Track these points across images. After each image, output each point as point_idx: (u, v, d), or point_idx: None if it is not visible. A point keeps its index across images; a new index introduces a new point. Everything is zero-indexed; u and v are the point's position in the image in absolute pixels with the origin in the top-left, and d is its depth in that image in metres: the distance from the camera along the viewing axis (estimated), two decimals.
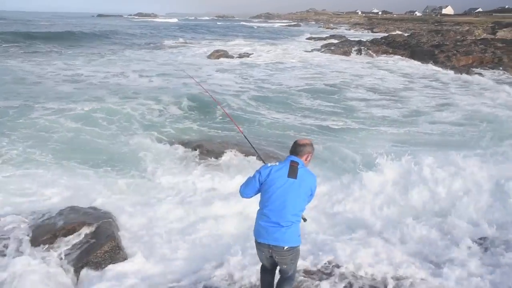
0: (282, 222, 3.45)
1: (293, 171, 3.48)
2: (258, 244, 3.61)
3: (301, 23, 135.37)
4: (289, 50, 42.48)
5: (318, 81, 23.10)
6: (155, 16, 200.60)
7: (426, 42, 43.95)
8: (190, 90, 17.13)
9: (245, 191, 3.68)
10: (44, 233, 5.55)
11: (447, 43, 41.16)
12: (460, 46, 38.04)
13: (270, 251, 3.54)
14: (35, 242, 5.41)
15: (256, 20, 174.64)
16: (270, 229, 3.47)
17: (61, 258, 5.16)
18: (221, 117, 13.58)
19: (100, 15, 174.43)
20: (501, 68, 30.60)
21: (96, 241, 5.38)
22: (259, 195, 3.66)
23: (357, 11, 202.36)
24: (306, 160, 3.62)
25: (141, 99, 15.46)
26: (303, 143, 3.62)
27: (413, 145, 11.57)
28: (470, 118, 14.81)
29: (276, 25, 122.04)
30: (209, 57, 34.06)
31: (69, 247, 5.33)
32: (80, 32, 49.42)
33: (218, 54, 34.41)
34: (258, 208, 3.63)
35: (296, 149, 3.60)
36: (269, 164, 3.62)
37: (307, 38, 63.12)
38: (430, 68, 31.30)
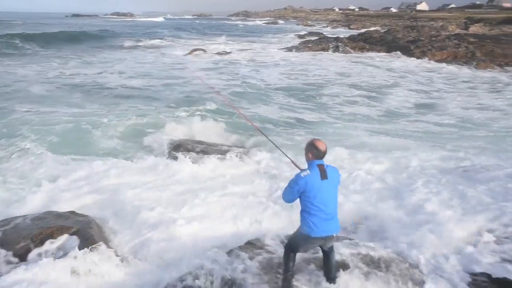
0: (331, 215, 4.08)
1: (323, 173, 4.04)
2: (311, 239, 4.13)
3: (279, 21, 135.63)
4: (269, 48, 42.61)
5: (299, 77, 23.38)
6: (132, 15, 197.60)
7: (402, 37, 44.67)
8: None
9: (288, 199, 4.20)
10: (20, 239, 5.41)
11: (422, 38, 41.96)
12: (435, 41, 38.82)
13: (323, 241, 4.18)
14: (9, 248, 5.26)
15: (235, 18, 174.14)
16: (322, 223, 4.03)
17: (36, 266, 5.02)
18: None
19: (75, 15, 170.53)
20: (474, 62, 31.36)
21: (74, 245, 5.27)
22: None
23: (334, 8, 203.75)
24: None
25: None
26: (325, 149, 4.11)
27: None
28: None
29: (258, 22, 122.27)
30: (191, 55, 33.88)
31: (45, 253, 5.19)
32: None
33: (197, 52, 34.34)
34: (303, 210, 4.14)
35: (320, 154, 4.08)
36: (302, 175, 4.05)
37: (284, 35, 63.47)
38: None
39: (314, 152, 4.09)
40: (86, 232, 5.53)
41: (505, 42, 40.32)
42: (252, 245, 5.46)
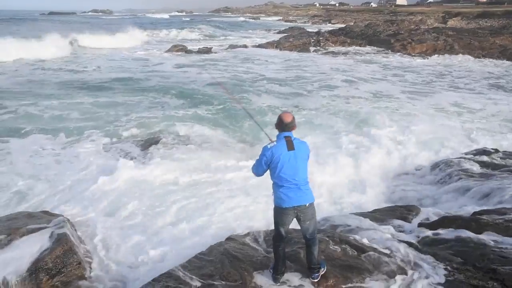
0: (300, 185, 4.10)
1: (290, 145, 4.08)
2: (284, 210, 4.13)
3: (260, 16, 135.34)
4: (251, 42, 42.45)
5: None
6: (111, 12, 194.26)
7: (382, 31, 44.97)
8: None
9: (257, 172, 4.28)
10: None
11: (402, 32, 42.32)
12: (415, 35, 39.19)
13: (295, 211, 4.12)
14: None
15: (213, 15, 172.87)
16: (292, 193, 4.07)
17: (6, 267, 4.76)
18: None
19: (51, 13, 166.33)
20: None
21: (46, 246, 5.01)
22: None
23: (315, 4, 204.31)
24: (294, 131, 4.20)
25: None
26: (290, 120, 4.13)
27: None
28: None
29: (241, 18, 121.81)
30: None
31: (14, 253, 4.91)
32: None
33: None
34: (273, 183, 4.20)
35: (286, 126, 4.12)
36: (268, 146, 4.14)
37: (265, 31, 63.38)
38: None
39: (280, 124, 4.17)
40: (58, 232, 5.25)
41: (482, 35, 41.00)
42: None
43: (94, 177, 8.29)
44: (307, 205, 4.15)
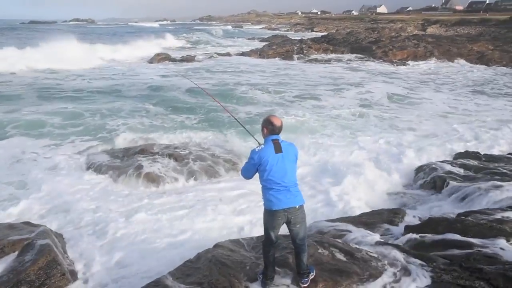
0: (290, 187, 4.09)
1: (277, 147, 4.09)
2: (274, 213, 4.10)
3: (243, 25, 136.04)
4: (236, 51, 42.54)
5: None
6: (93, 21, 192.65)
7: (364, 39, 45.69)
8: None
9: (247, 175, 4.32)
10: None
11: (383, 39, 43.08)
12: (395, 42, 39.95)
13: (286, 214, 4.08)
14: None
15: (195, 23, 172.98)
16: (281, 195, 4.06)
17: None
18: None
19: (32, 22, 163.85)
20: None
21: (29, 257, 4.87)
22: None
23: (297, 12, 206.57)
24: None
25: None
26: (280, 125, 4.17)
27: None
28: None
29: (223, 27, 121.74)
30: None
31: None
32: None
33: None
34: (262, 186, 4.19)
35: (275, 130, 4.14)
36: (256, 149, 4.15)
37: (248, 39, 63.68)
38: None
39: (269, 127, 4.17)
40: (41, 243, 5.11)
41: (460, 42, 42.04)
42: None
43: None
44: (297, 207, 4.13)
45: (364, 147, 11.26)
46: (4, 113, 14.19)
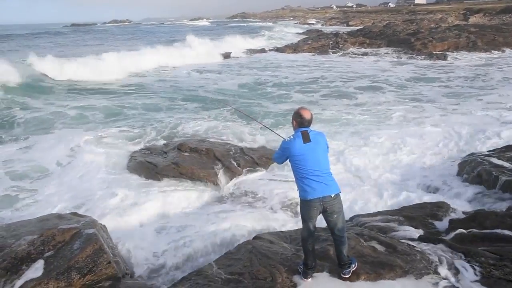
0: (323, 175, 4.07)
1: (306, 137, 4.11)
2: (309, 202, 4.07)
3: (278, 21, 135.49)
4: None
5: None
6: (130, 22, 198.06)
7: (402, 31, 44.35)
8: None
9: (278, 161, 4.43)
10: (21, 243, 5.22)
11: (422, 31, 41.63)
12: (435, 33, 38.52)
13: (322, 203, 4.05)
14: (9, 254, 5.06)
15: (234, 20, 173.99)
16: (315, 184, 4.03)
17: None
18: None
19: (74, 25, 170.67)
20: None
21: (78, 245, 5.08)
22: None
23: (332, 6, 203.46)
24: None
25: None
26: (309, 118, 4.19)
27: None
28: None
29: (259, 23, 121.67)
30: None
31: (48, 255, 5.00)
32: None
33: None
34: (295, 177, 4.21)
35: (304, 123, 4.18)
36: (286, 140, 4.23)
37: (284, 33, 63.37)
38: None
39: (298, 120, 4.21)
40: (88, 232, 5.32)
41: (506, 30, 39.97)
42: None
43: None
44: (332, 196, 4.08)
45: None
46: None
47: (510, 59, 28.21)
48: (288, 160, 4.27)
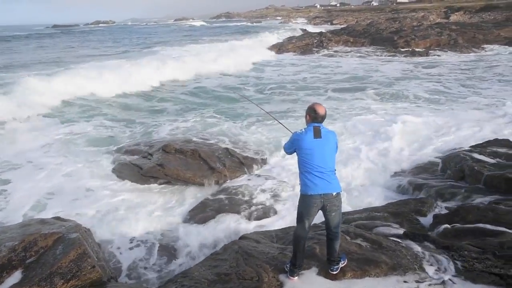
0: (327, 173, 4.08)
1: (317, 133, 4.11)
2: (310, 197, 4.08)
3: (261, 20, 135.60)
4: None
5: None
6: (113, 23, 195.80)
7: (385, 29, 44.84)
8: None
9: (287, 151, 4.42)
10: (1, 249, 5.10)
11: (405, 29, 42.17)
12: (417, 31, 39.05)
13: (322, 200, 4.07)
14: None
15: (215, 20, 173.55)
16: (318, 180, 4.05)
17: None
18: None
19: (55, 26, 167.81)
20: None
21: (61, 250, 4.99)
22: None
23: (315, 5, 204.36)
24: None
25: None
26: (324, 112, 4.19)
27: None
28: None
29: (244, 23, 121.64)
30: None
31: (30, 261, 4.90)
32: None
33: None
34: (300, 171, 4.22)
35: (317, 118, 4.17)
36: (297, 132, 4.24)
37: (269, 32, 63.27)
38: None
39: (312, 114, 4.20)
40: (71, 236, 5.22)
41: (486, 28, 40.76)
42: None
43: None
44: (334, 194, 4.11)
45: None
46: None
47: (490, 57, 28.77)
48: (295, 152, 4.28)
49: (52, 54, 37.47)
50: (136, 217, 7.16)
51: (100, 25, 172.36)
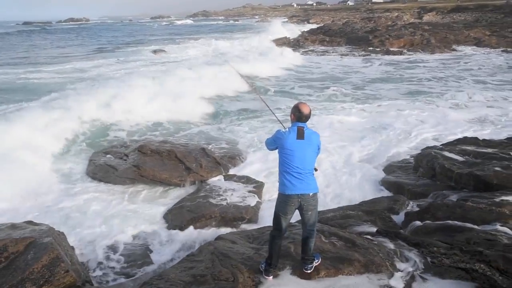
0: (305, 174, 4.14)
1: (300, 134, 4.13)
2: (287, 197, 4.16)
3: (239, 19, 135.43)
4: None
5: None
6: (88, 20, 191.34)
7: (360, 29, 45.53)
8: None
9: (268, 147, 4.49)
10: None
11: (380, 28, 42.95)
12: (392, 31, 39.84)
13: (299, 200, 4.15)
14: None
15: (192, 18, 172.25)
16: (296, 181, 4.11)
17: None
18: None
19: (26, 23, 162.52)
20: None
21: (32, 255, 4.89)
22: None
23: (292, 4, 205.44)
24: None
25: None
26: (308, 112, 4.19)
27: None
28: None
29: (220, 22, 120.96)
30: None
31: (0, 267, 4.78)
32: None
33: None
34: (279, 170, 4.27)
35: (302, 118, 4.18)
36: (281, 130, 4.28)
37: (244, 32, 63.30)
38: None
39: (296, 114, 4.20)
40: (43, 241, 5.12)
41: (456, 28, 41.92)
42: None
43: None
44: (310, 194, 4.18)
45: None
46: None
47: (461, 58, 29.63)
48: (276, 149, 4.31)
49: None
50: (111, 219, 7.07)
51: (73, 23, 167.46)
